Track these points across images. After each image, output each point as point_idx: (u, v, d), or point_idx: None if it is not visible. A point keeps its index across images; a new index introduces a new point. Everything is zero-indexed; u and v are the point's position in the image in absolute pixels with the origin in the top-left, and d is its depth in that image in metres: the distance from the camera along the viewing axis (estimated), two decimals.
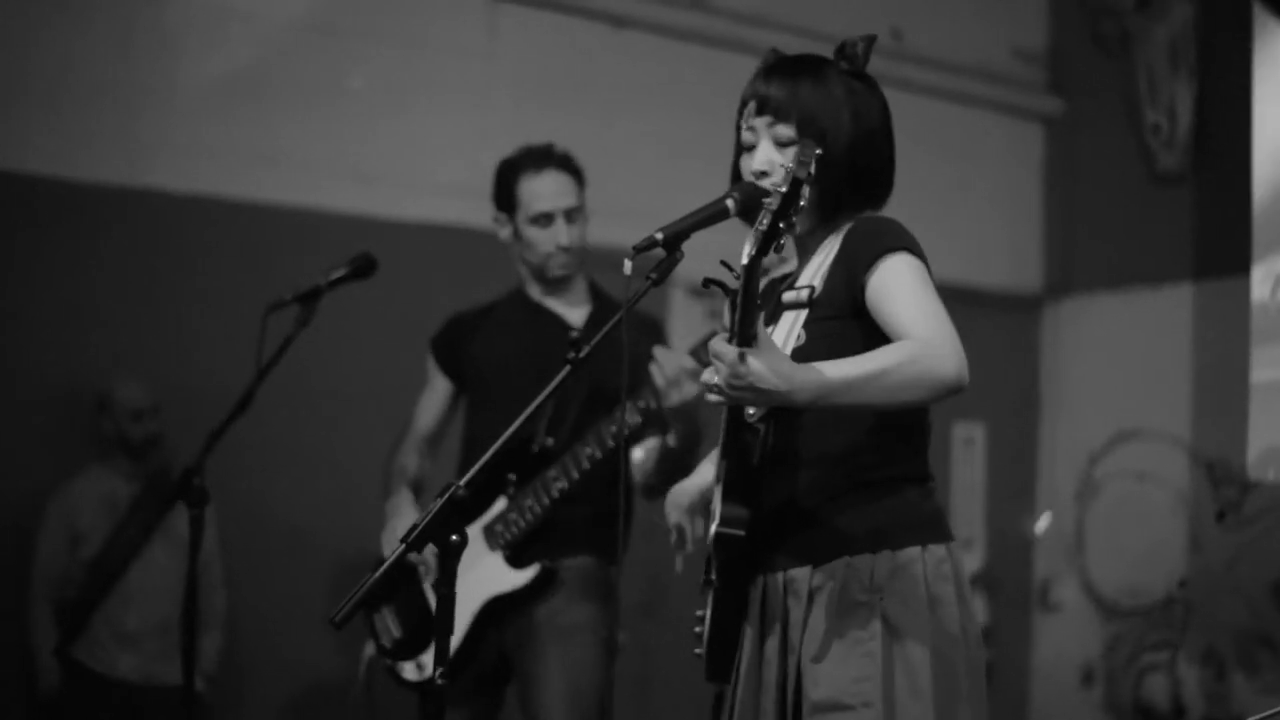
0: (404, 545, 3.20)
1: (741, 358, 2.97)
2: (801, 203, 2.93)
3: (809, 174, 2.91)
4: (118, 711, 6.45)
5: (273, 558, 6.88)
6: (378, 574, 3.23)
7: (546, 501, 5.06)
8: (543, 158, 5.28)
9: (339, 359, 6.68)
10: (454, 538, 3.22)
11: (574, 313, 5.35)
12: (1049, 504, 9.19)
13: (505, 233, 5.34)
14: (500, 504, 5.12)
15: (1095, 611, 8.86)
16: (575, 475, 5.03)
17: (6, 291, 6.53)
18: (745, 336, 2.97)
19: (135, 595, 6.48)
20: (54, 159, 6.59)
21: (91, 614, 6.44)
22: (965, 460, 8.98)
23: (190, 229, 6.84)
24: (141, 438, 6.56)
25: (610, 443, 4.97)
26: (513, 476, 5.10)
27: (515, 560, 5.11)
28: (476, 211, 5.43)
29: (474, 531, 5.10)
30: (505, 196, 5.30)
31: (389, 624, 5.23)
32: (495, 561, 5.11)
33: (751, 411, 3.29)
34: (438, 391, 5.51)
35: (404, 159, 7.21)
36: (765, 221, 2.92)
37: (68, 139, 6.62)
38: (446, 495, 3.20)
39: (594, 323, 5.27)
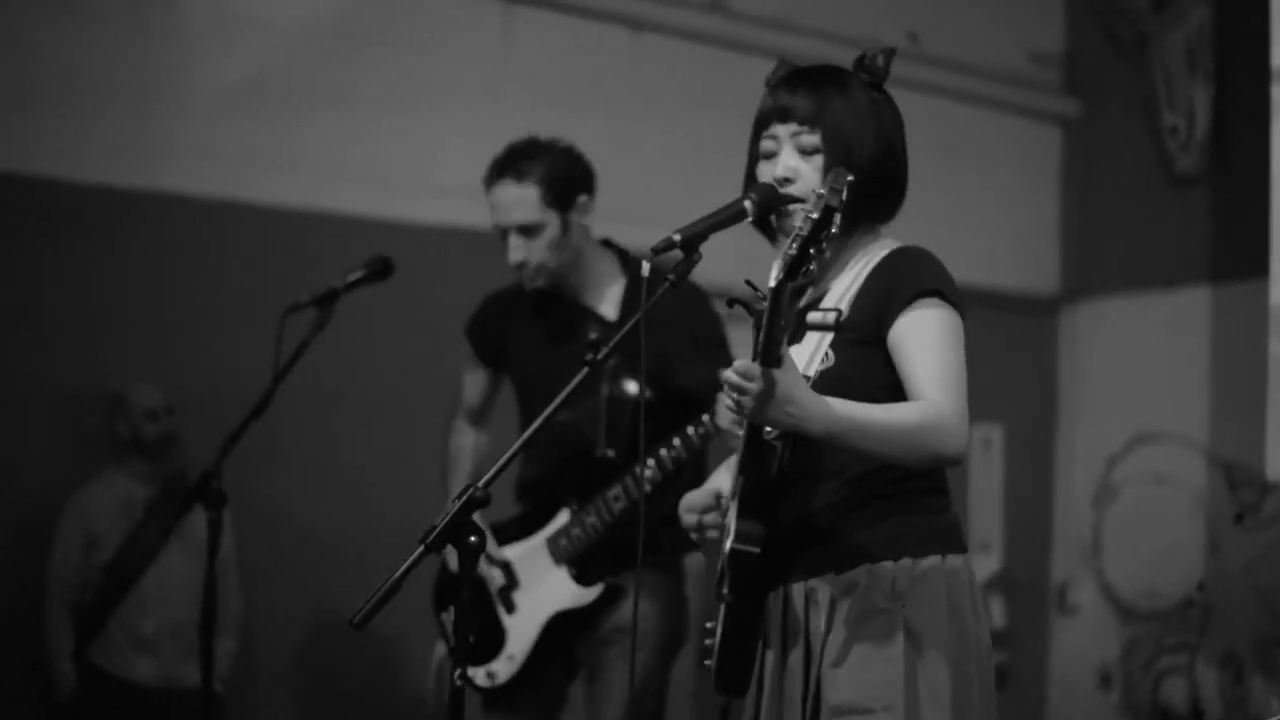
0: (424, 547, 3.20)
1: (765, 379, 2.98)
2: (833, 230, 2.93)
3: (841, 201, 2.91)
4: (134, 715, 6.44)
5: (288, 560, 6.88)
6: (396, 575, 3.22)
7: (609, 519, 5.03)
8: (500, 167, 5.07)
9: (355, 361, 6.68)
10: (471, 539, 3.22)
11: (607, 304, 5.19)
12: (1067, 507, 9.18)
13: None
14: (564, 517, 5.12)
15: (1113, 614, 8.85)
16: (635, 495, 4.96)
17: (18, 293, 6.54)
18: (769, 360, 2.98)
19: (151, 598, 6.47)
20: (66, 161, 6.60)
21: (107, 617, 6.43)
22: (983, 462, 8.98)
23: (204, 232, 6.85)
24: (156, 437, 6.55)
25: (671, 467, 4.92)
26: (575, 506, 5.11)
27: (581, 577, 5.11)
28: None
29: (539, 542, 5.14)
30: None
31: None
32: (561, 577, 5.11)
33: (769, 429, 3.29)
34: (480, 373, 5.45)
35: (419, 162, 7.22)
36: (794, 247, 2.91)
37: (80, 141, 6.62)
38: (465, 497, 3.20)
39: (629, 303, 5.11)
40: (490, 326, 5.42)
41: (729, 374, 3.02)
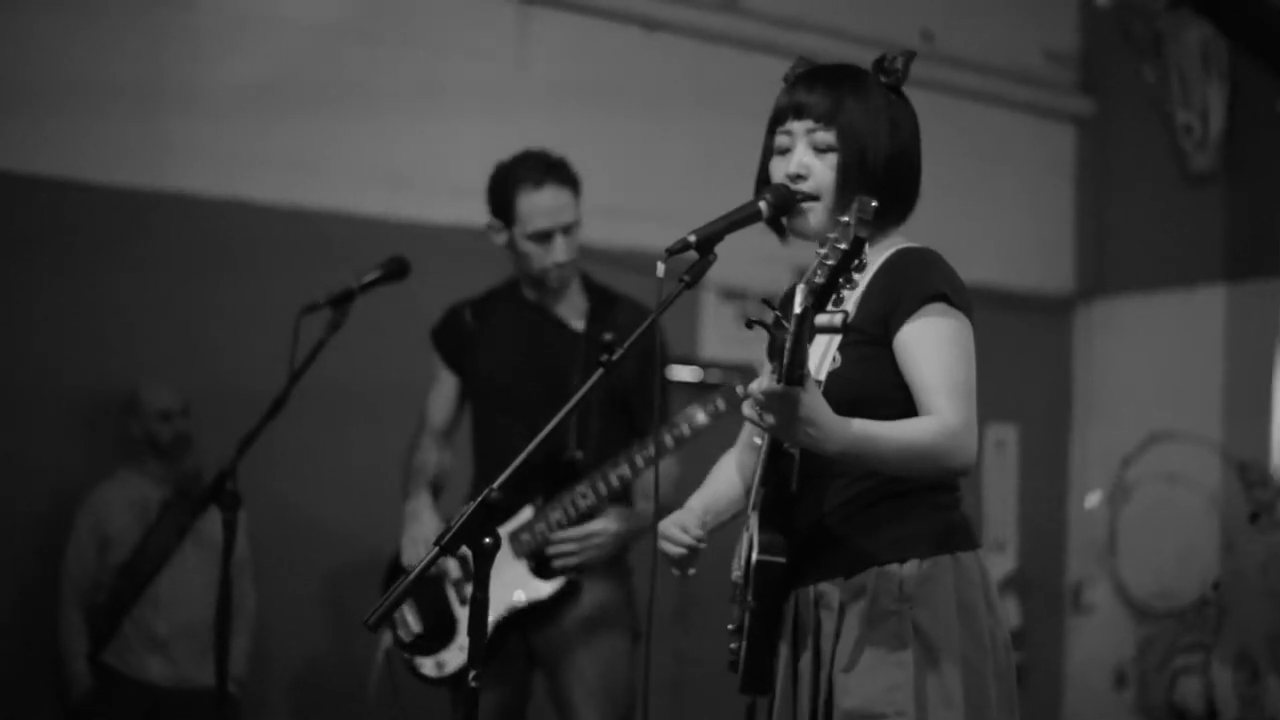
0: (438, 548, 3.20)
1: (789, 400, 2.99)
2: (863, 260, 2.93)
3: (869, 231, 2.92)
4: (148, 715, 6.44)
5: (302, 560, 6.89)
6: (411, 576, 3.22)
7: (574, 515, 5.11)
8: (543, 171, 5.22)
9: (370, 362, 6.69)
10: (487, 540, 3.22)
11: (574, 316, 5.36)
12: (1081, 506, 9.17)
13: (500, 239, 5.34)
14: (527, 513, 5.17)
15: (1128, 614, 8.84)
16: (604, 493, 5.09)
17: (30, 294, 6.54)
18: (793, 381, 2.97)
19: (166, 599, 6.47)
20: (82, 163, 6.60)
21: (122, 618, 6.43)
22: (997, 462, 8.97)
23: (217, 232, 6.85)
24: (170, 438, 6.55)
25: (641, 464, 5.03)
26: (540, 501, 5.16)
27: (540, 571, 5.16)
28: None
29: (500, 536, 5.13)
30: (502, 207, 5.28)
31: (407, 618, 5.27)
32: (520, 569, 5.15)
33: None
34: (446, 386, 5.54)
35: (435, 163, 7.22)
36: (823, 276, 2.92)
37: (96, 143, 6.63)
38: (480, 499, 3.20)
39: (595, 319, 5.30)
40: (457, 332, 5.51)
41: (754, 392, 3.03)
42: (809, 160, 3.41)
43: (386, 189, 7.15)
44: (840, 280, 2.92)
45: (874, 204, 2.95)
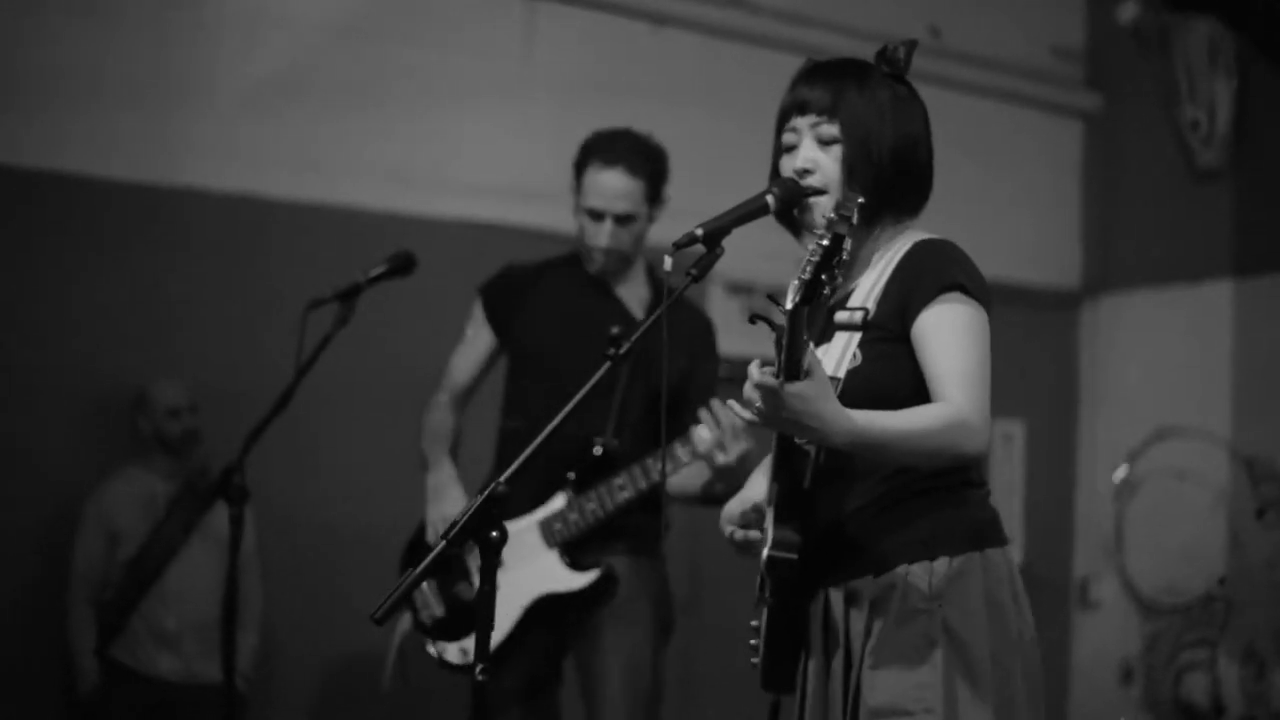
0: (444, 541, 3.21)
1: (787, 395, 2.98)
2: (844, 255, 2.92)
3: (851, 226, 2.91)
4: (157, 711, 6.45)
5: (309, 555, 6.89)
6: (419, 570, 3.23)
7: (611, 508, 5.03)
8: (619, 152, 5.19)
9: (377, 357, 6.69)
10: (494, 534, 3.22)
11: (635, 303, 5.31)
12: (1088, 502, 9.17)
13: (574, 201, 5.30)
14: (559, 501, 5.10)
15: (1134, 609, 8.83)
16: (643, 486, 4.99)
17: (42, 291, 6.56)
18: (792, 376, 2.97)
19: (174, 594, 6.48)
20: (90, 158, 6.62)
21: (130, 614, 6.45)
22: (1004, 457, 8.96)
23: (227, 228, 6.86)
24: (178, 435, 6.56)
25: (684, 460, 4.94)
26: (571, 476, 5.09)
27: (574, 562, 5.10)
28: (515, 210, 5.44)
29: (530, 524, 5.09)
30: (577, 173, 5.26)
31: (430, 600, 5.20)
32: (552, 559, 5.10)
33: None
34: (479, 345, 5.44)
35: (442, 158, 7.22)
36: (808, 272, 2.91)
37: (104, 138, 6.64)
38: (487, 492, 3.20)
39: (654, 310, 5.21)
40: (508, 290, 5.42)
41: (749, 388, 3.03)
42: (815, 155, 3.40)
43: (395, 184, 7.16)
44: (824, 276, 2.91)
45: (860, 200, 2.97)
